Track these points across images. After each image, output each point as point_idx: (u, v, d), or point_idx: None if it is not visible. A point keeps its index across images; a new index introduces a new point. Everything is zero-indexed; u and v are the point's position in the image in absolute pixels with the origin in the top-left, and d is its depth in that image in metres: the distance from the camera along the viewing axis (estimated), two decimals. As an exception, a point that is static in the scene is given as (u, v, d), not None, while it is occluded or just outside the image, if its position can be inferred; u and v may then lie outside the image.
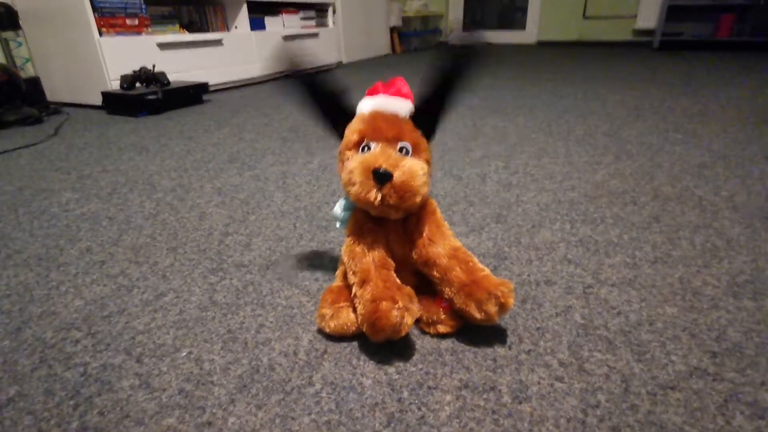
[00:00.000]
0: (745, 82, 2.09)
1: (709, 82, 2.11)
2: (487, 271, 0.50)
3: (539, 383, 0.45)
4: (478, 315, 0.48)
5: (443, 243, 0.51)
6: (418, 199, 0.47)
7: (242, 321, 0.55)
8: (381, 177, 0.45)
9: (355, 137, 0.49)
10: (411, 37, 4.22)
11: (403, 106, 0.50)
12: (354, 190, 0.47)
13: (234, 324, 0.55)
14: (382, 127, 0.48)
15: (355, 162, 0.47)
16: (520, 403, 0.43)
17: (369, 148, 0.49)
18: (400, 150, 0.48)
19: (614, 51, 3.62)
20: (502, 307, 0.47)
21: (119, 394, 0.45)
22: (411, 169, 0.46)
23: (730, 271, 0.63)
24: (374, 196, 0.46)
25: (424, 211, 0.52)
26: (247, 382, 0.46)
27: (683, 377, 0.45)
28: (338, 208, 0.55)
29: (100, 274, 0.66)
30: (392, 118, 0.49)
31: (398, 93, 0.51)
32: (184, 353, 0.50)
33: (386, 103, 0.50)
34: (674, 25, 3.60)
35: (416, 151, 0.49)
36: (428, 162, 0.50)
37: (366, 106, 0.51)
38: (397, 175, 0.45)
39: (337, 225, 0.56)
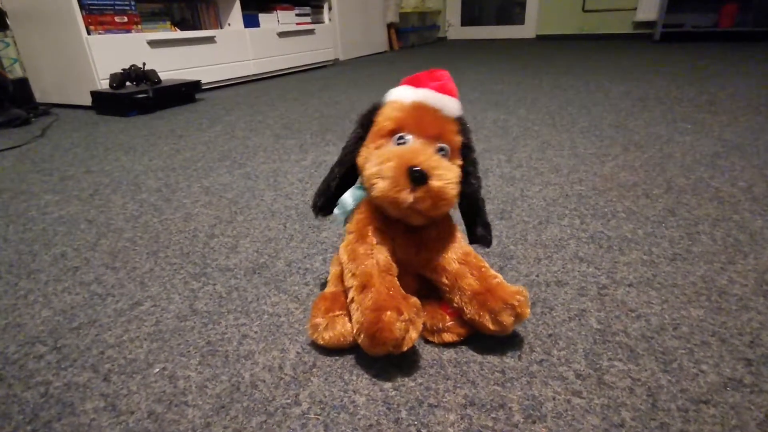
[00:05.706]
0: (751, 71, 2.03)
1: (715, 72, 2.06)
2: (500, 277, 0.45)
3: (554, 399, 0.40)
4: (492, 326, 0.43)
5: (453, 247, 0.46)
6: (449, 209, 0.42)
7: (224, 331, 0.50)
8: (418, 178, 0.39)
9: (389, 124, 0.44)
10: (409, 34, 4.17)
11: (450, 104, 0.45)
12: (382, 186, 0.41)
13: (214, 335, 0.50)
14: (426, 121, 0.43)
15: (389, 154, 0.41)
16: (534, 422, 0.38)
17: (403, 141, 0.43)
18: (439, 151, 0.43)
19: (615, 43, 3.56)
20: (518, 318, 0.43)
21: (81, 417, 0.40)
22: (449, 175, 0.41)
23: (757, 267, 0.58)
24: (405, 197, 0.40)
25: None
26: (225, 402, 0.41)
27: (717, 389, 0.40)
28: (349, 198, 0.49)
29: (73, 282, 0.61)
30: (438, 114, 0.44)
31: (444, 89, 0.45)
32: (157, 369, 0.45)
33: (433, 96, 0.45)
34: (675, 16, 3.54)
35: (452, 156, 0.44)
36: (461, 168, 0.46)
37: (407, 94, 0.45)
38: (435, 180, 0.40)
39: (336, 212, 0.50)
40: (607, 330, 0.48)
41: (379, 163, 0.41)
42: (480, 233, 0.49)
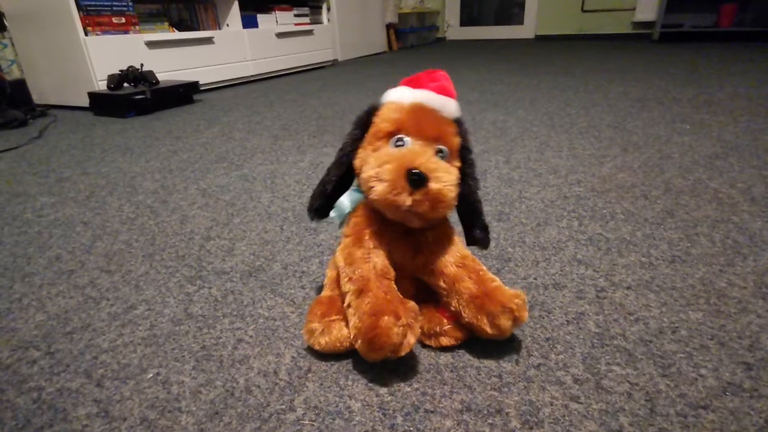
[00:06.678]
0: (751, 71, 2.03)
1: (714, 72, 2.05)
2: (498, 281, 0.44)
3: (552, 404, 0.39)
4: (490, 330, 0.42)
5: (451, 250, 0.46)
6: (448, 212, 0.42)
7: (219, 336, 0.50)
8: (417, 181, 0.39)
9: (387, 126, 0.43)
10: (408, 34, 4.16)
11: (449, 105, 0.45)
12: (381, 188, 0.40)
13: (209, 339, 0.49)
14: (424, 123, 0.43)
15: (387, 156, 0.41)
16: (531, 428, 0.37)
17: (402, 143, 0.43)
18: (438, 153, 0.43)
19: (614, 44, 3.56)
20: (516, 321, 0.42)
21: (73, 424, 0.40)
22: (448, 177, 0.41)
23: (757, 269, 0.58)
24: (404, 199, 0.40)
25: None
26: (219, 408, 0.40)
27: (716, 394, 0.40)
28: (346, 201, 0.48)
29: (67, 285, 0.61)
30: (436, 116, 0.43)
31: (442, 89, 0.45)
32: (151, 375, 0.45)
33: (433, 97, 0.44)
34: (674, 16, 3.54)
35: (451, 158, 0.44)
36: (459, 170, 0.45)
37: (405, 95, 0.45)
38: (434, 182, 0.39)
39: (332, 214, 0.49)
40: (606, 333, 0.48)
41: (378, 165, 0.41)
42: (478, 235, 0.49)
